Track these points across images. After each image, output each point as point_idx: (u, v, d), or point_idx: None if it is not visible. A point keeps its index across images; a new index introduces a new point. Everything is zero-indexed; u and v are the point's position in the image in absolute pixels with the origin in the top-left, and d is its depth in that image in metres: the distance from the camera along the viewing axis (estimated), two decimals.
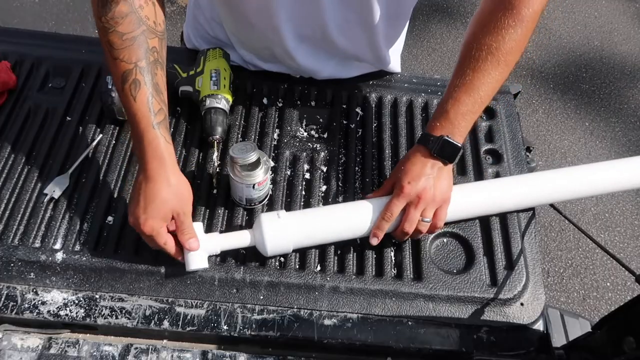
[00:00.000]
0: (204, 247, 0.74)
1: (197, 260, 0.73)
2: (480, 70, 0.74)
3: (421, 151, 0.77)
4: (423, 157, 0.76)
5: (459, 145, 0.76)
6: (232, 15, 0.90)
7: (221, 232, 0.80)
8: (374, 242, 0.77)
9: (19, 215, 0.78)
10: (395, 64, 1.01)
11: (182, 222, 0.72)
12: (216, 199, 0.83)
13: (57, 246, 0.76)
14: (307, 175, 0.87)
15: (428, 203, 0.75)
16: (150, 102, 0.71)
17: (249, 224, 0.81)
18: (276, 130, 0.92)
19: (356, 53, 0.94)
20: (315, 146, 0.91)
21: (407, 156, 0.79)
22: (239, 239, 0.76)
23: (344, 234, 0.78)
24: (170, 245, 0.72)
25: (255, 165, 0.76)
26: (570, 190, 0.84)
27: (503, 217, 0.85)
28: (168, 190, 0.71)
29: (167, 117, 0.74)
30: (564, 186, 0.84)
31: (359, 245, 0.81)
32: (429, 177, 0.75)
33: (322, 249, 0.80)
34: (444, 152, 0.75)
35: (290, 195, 0.85)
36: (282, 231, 0.75)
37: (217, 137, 0.86)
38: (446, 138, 0.75)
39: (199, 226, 0.75)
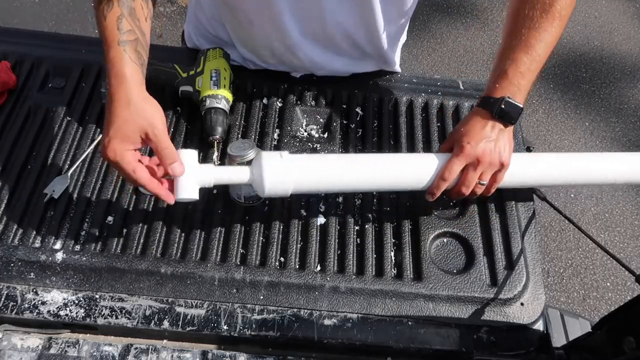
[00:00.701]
0: (195, 176, 0.69)
1: (186, 188, 0.68)
2: (535, 28, 0.74)
3: (481, 113, 0.75)
4: (483, 118, 0.75)
5: (521, 105, 0.74)
6: (232, 11, 0.90)
7: (221, 232, 0.80)
8: (429, 198, 0.77)
9: (19, 215, 0.78)
10: (396, 63, 1.02)
11: (157, 143, 0.66)
12: (216, 199, 0.83)
13: (57, 246, 0.76)
14: None
15: (487, 166, 0.74)
16: (120, 21, 0.69)
17: (248, 224, 0.81)
18: (276, 130, 0.92)
19: (357, 48, 0.94)
20: (315, 146, 0.91)
21: (467, 119, 0.77)
22: (236, 174, 0.72)
23: (345, 184, 0.75)
24: (140, 174, 0.66)
25: None
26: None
27: (503, 217, 0.85)
28: (128, 109, 0.66)
29: (142, 45, 0.72)
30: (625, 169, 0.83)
31: (359, 245, 0.81)
32: (489, 140, 0.74)
33: (322, 248, 0.80)
34: (505, 113, 0.74)
35: (290, 195, 0.85)
36: (283, 170, 0.71)
37: (217, 137, 0.86)
38: (507, 99, 0.73)
39: (193, 155, 0.70)
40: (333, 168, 0.75)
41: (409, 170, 0.77)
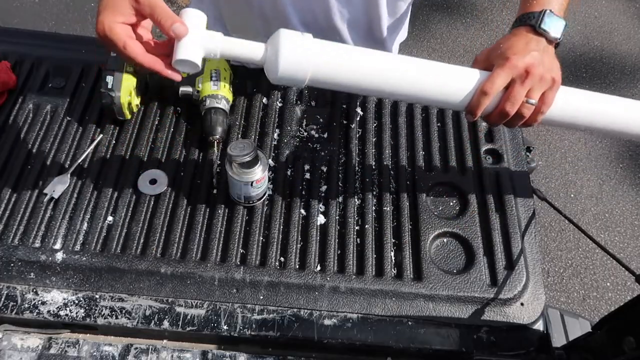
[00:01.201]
0: (200, 42, 0.60)
1: (187, 49, 0.59)
2: None
3: (523, 29, 0.69)
4: (526, 33, 0.68)
5: (564, 21, 0.69)
6: (233, 4, 0.90)
7: (221, 232, 0.80)
8: (470, 119, 0.69)
9: (19, 215, 0.78)
10: None
11: (150, 6, 0.60)
12: (216, 199, 0.83)
13: (57, 246, 0.76)
14: (307, 175, 0.87)
15: (537, 81, 0.66)
16: None
17: (249, 224, 0.81)
18: (276, 130, 0.92)
19: (357, 38, 0.95)
20: (315, 146, 0.91)
21: (506, 37, 0.70)
22: (247, 47, 0.63)
23: (369, 81, 0.65)
24: (132, 48, 0.60)
25: (253, 163, 0.76)
26: None
27: (503, 217, 0.85)
28: None
29: None
30: None
31: (359, 245, 0.81)
32: (536, 52, 0.67)
33: (322, 248, 0.80)
34: (549, 25, 0.68)
35: (290, 195, 0.85)
36: (304, 50, 0.61)
37: (217, 137, 0.86)
38: (550, 11, 0.68)
39: (200, 16, 0.62)
40: (359, 59, 0.65)
41: (446, 77, 0.67)
